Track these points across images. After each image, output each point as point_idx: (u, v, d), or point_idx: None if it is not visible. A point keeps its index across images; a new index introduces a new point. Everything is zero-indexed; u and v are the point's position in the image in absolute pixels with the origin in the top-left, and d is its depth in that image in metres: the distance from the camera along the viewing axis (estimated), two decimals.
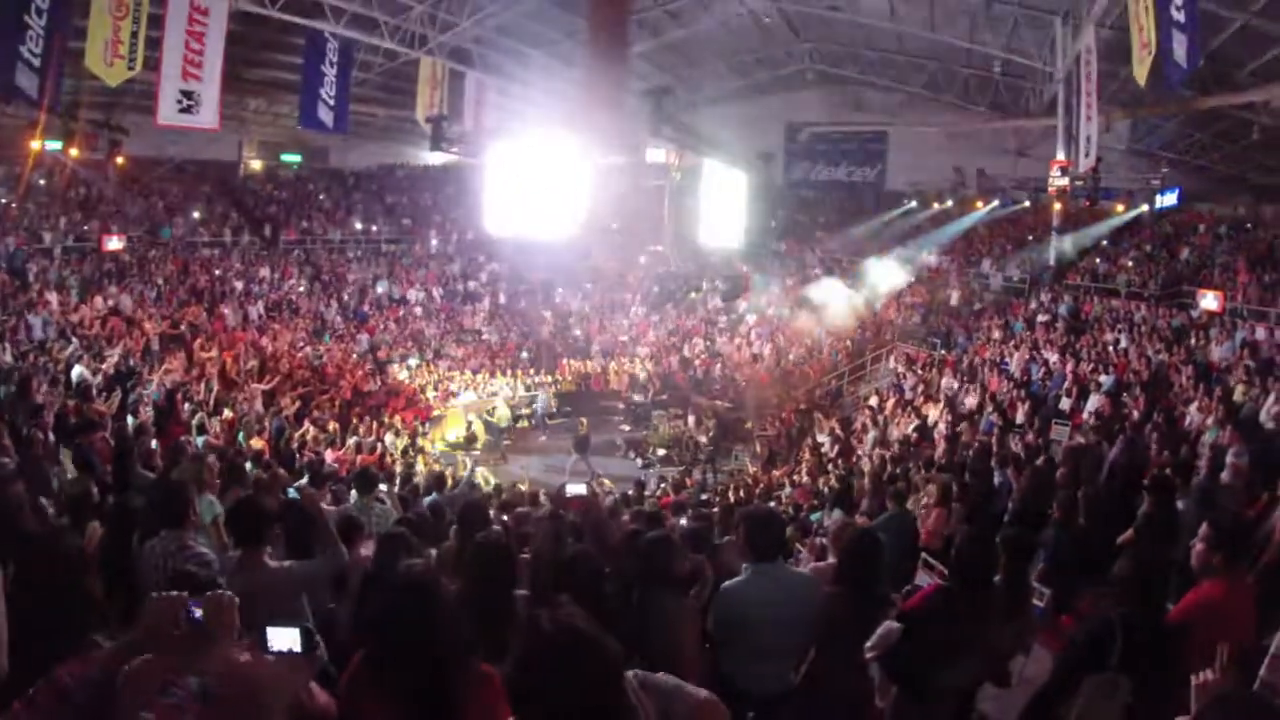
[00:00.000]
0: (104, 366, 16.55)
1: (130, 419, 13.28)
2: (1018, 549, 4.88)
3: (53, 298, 19.92)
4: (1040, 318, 22.38)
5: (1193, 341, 17.29)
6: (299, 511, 5.18)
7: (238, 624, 2.64)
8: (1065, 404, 16.13)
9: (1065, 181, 22.20)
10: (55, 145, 20.19)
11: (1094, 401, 15.16)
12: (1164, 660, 3.48)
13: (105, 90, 18.28)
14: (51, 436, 9.90)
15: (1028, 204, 28.58)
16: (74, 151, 20.41)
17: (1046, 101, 23.64)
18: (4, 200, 23.24)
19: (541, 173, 19.46)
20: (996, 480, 10.68)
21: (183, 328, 21.08)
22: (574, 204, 19.57)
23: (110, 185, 25.23)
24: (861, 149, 32.71)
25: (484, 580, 4.04)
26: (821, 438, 20.14)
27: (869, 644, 4.25)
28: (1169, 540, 6.46)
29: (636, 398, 25.71)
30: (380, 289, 29.65)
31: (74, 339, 17.84)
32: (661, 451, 22.48)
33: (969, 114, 28.11)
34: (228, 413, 16.86)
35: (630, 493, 14.55)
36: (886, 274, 28.07)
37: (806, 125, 32.71)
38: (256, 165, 31.68)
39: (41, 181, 24.19)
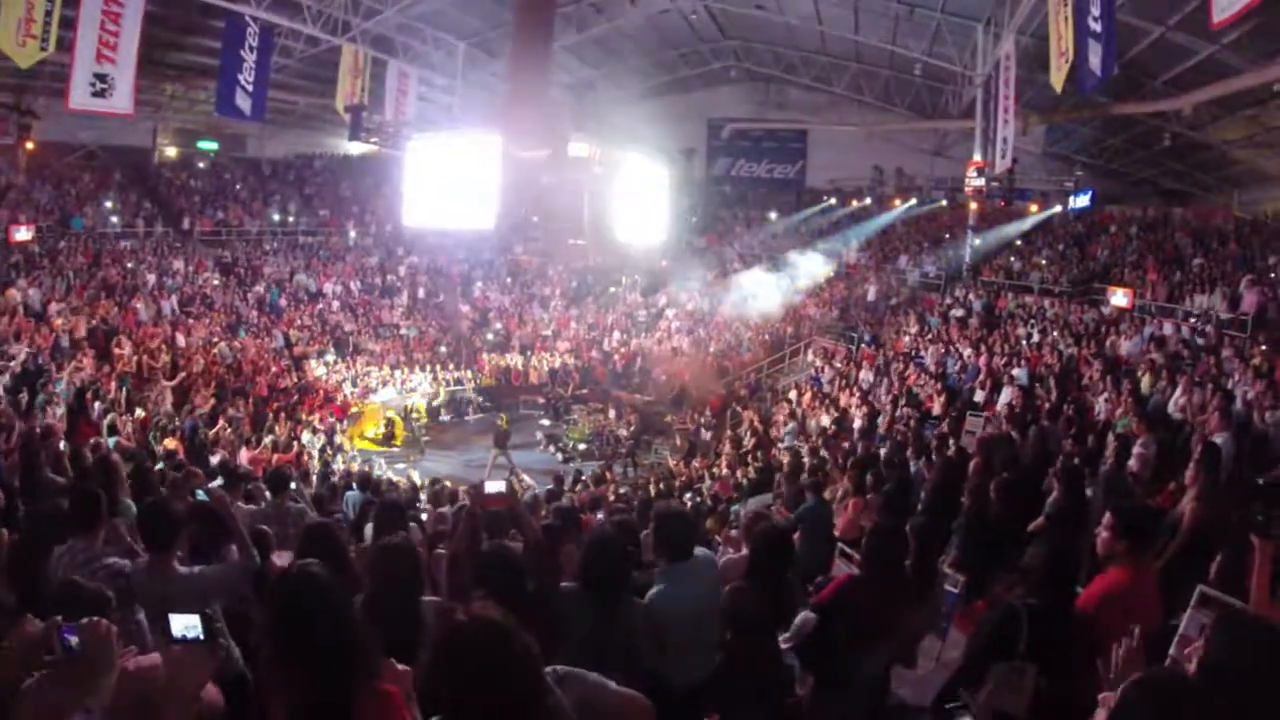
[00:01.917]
0: (11, 365, 15.91)
1: (40, 419, 12.80)
2: (926, 537, 5.01)
3: None
4: (955, 313, 22.93)
5: (1103, 336, 17.89)
6: (208, 514, 5.03)
7: (119, 651, 2.57)
8: (979, 396, 16.53)
9: (981, 182, 22.83)
10: None
11: (1007, 394, 15.56)
12: (1070, 646, 3.59)
13: (15, 72, 17.50)
14: None
15: (945, 203, 29.32)
16: None
17: (965, 104, 24.25)
18: None
19: (461, 165, 19.26)
20: (913, 470, 10.92)
21: (94, 322, 20.33)
22: (493, 197, 19.43)
23: (19, 172, 24.16)
24: (783, 146, 33.22)
25: (389, 582, 3.98)
26: (740, 430, 20.35)
27: (786, 635, 4.34)
28: (1078, 528, 6.69)
29: (558, 391, 25.67)
30: (298, 280, 29.04)
31: None
32: (582, 446, 22.50)
33: (889, 114, 28.75)
34: (140, 412, 16.38)
35: (550, 487, 14.53)
36: (805, 269, 28.47)
37: (729, 122, 33.08)
38: (171, 153, 30.73)
39: None
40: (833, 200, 32.16)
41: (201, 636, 2.54)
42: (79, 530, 4.58)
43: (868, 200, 31.24)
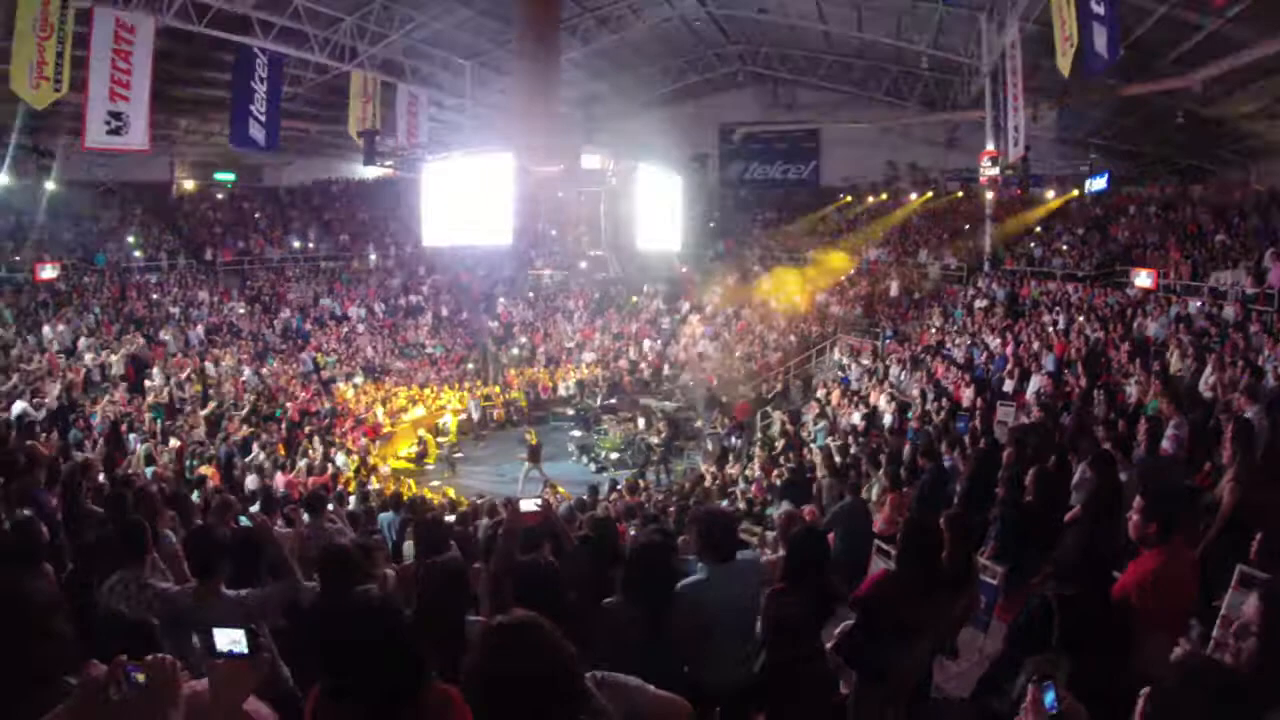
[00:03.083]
0: (46, 401, 16.17)
1: (76, 454, 12.99)
2: (960, 529, 5.00)
3: None
4: (979, 303, 22.80)
5: (1129, 318, 17.76)
6: (248, 540, 5.15)
7: (179, 685, 2.61)
8: (1008, 385, 16.43)
9: (995, 171, 22.73)
10: None
11: (1036, 381, 15.46)
12: (1106, 635, 3.58)
13: (32, 114, 17.79)
14: None
15: (960, 194, 29.16)
16: (2, 179, 19.78)
17: (974, 95, 24.21)
18: None
19: (477, 184, 19.38)
20: (947, 463, 10.86)
21: (123, 355, 20.62)
22: (510, 214, 19.53)
23: (41, 212, 24.54)
24: (795, 147, 33.25)
25: (437, 602, 4.04)
26: (771, 432, 20.31)
27: (830, 638, 4.35)
28: (1114, 514, 6.63)
29: (587, 402, 25.73)
30: (323, 305, 29.34)
31: (14, 375, 17.39)
32: (614, 455, 22.50)
33: (899, 109, 28.74)
34: (175, 441, 16.59)
35: (585, 498, 14.55)
36: (826, 268, 28.41)
37: (740, 126, 33.15)
38: (190, 185, 31.07)
39: None
40: (848, 198, 32.09)
41: (246, 651, 2.59)
42: (127, 561, 4.67)
43: (883, 196, 31.16)
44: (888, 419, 17.52)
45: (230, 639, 2.58)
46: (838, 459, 12.58)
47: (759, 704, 4.37)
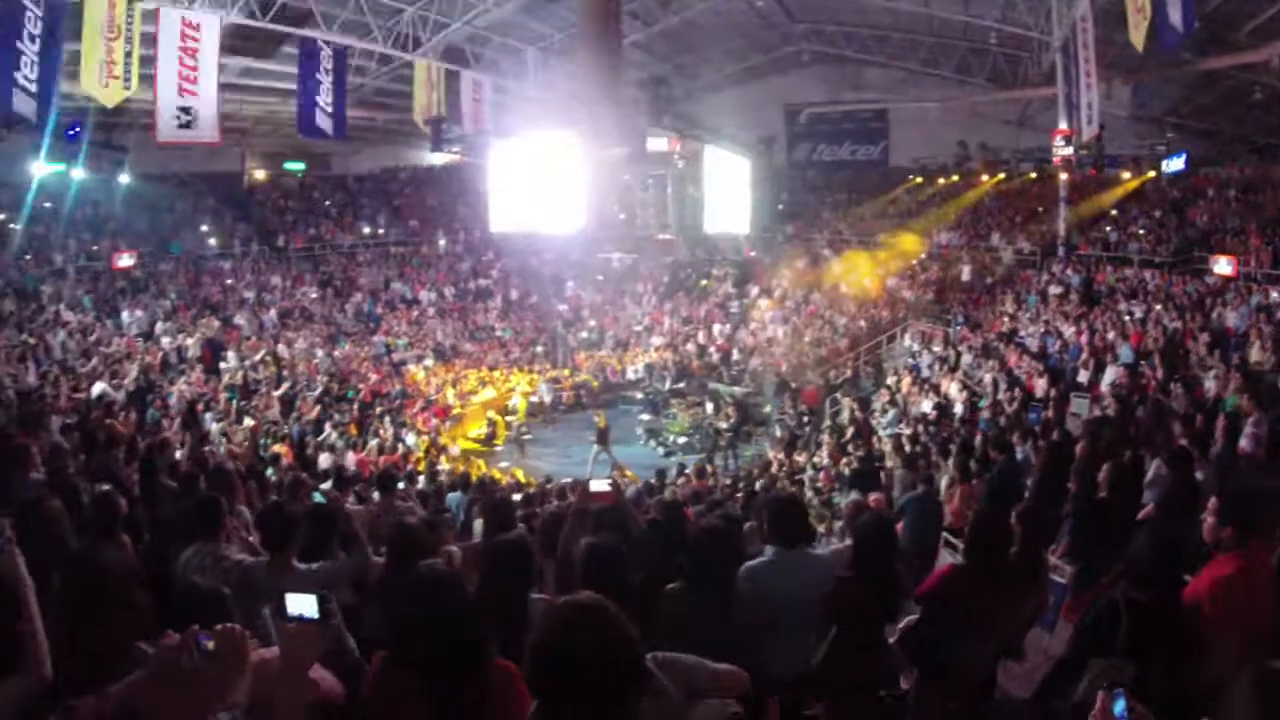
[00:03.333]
0: (125, 383, 16.71)
1: (155, 433, 13.44)
2: (1033, 524, 4.89)
3: (70, 317, 20.06)
4: (1053, 290, 22.28)
5: (1208, 308, 17.21)
6: (322, 516, 5.27)
7: (249, 654, 2.66)
8: (1083, 376, 16.05)
9: (1069, 151, 22.13)
10: (59, 167, 20.32)
11: (1111, 373, 15.09)
12: (1174, 642, 3.46)
13: (103, 111, 18.34)
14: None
15: (1034, 175, 28.40)
16: (78, 173, 20.54)
17: (1045, 70, 23.53)
18: (12, 225, 23.37)
19: (543, 169, 19.47)
20: (1019, 455, 10.64)
21: (199, 339, 21.22)
22: (578, 198, 19.59)
23: (116, 204, 25.35)
24: (863, 127, 32.72)
25: (501, 579, 4.08)
26: (840, 419, 20.14)
27: (894, 631, 4.28)
28: (1190, 514, 6.42)
29: (656, 386, 25.75)
30: (394, 289, 29.85)
31: (94, 357, 17.99)
32: (682, 439, 22.50)
33: (969, 87, 28.02)
34: (249, 421, 17.03)
35: (652, 481, 14.60)
36: (897, 251, 27.99)
37: (806, 106, 32.71)
38: (260, 175, 31.74)
39: (48, 204, 24.35)
40: (918, 179, 31.49)
41: (316, 616, 2.63)
42: (203, 535, 4.83)
43: (954, 177, 30.51)
44: (958, 408, 17.25)
45: (301, 604, 2.63)
46: (907, 448, 12.43)
47: (818, 694, 4.33)
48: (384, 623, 2.93)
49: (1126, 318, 18.26)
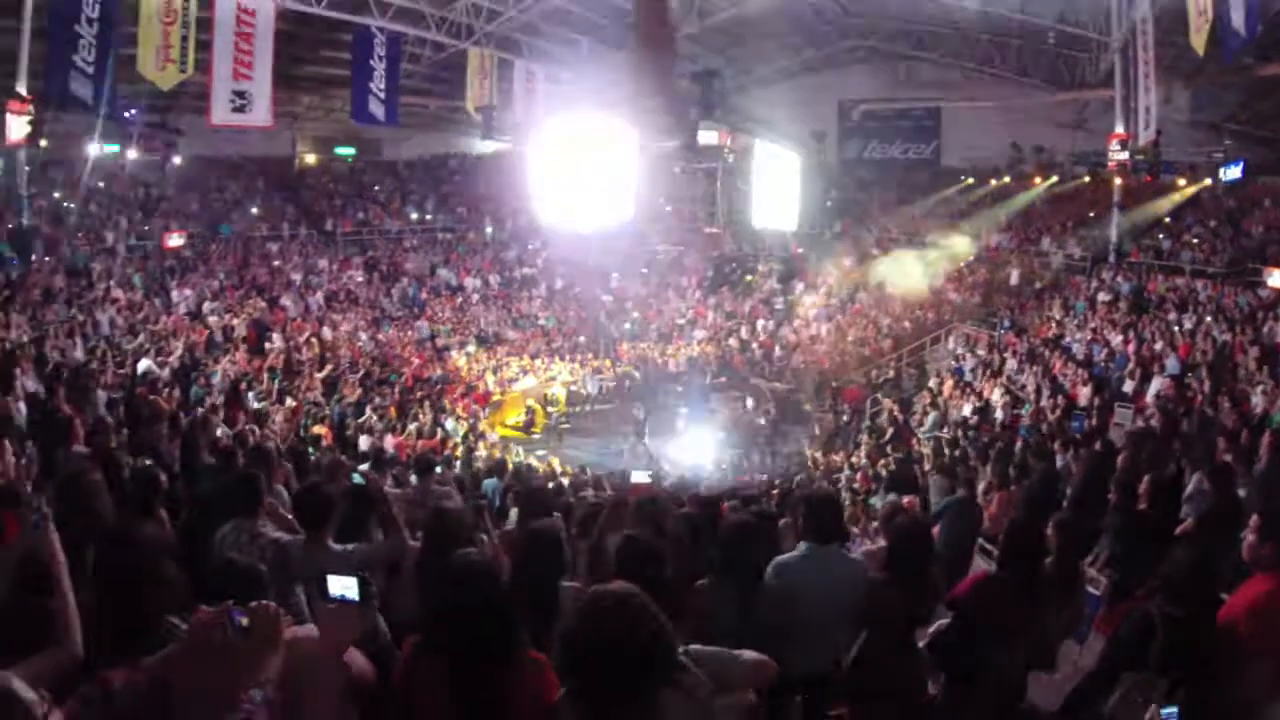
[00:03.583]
0: (170, 360, 17.01)
1: (198, 410, 13.63)
2: (1072, 534, 4.82)
3: (119, 294, 20.47)
4: (1102, 297, 21.92)
5: (1260, 321, 16.83)
6: (359, 497, 5.33)
7: (281, 633, 2.70)
8: (1128, 386, 15.79)
9: (1125, 155, 21.67)
10: (113, 148, 20.73)
11: (1157, 384, 14.83)
12: (1208, 662, 3.40)
13: (158, 93, 18.70)
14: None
15: (1087, 179, 27.84)
16: (132, 154, 20.97)
17: (1103, 73, 23.10)
18: (66, 204, 23.90)
19: (593, 159, 19.49)
20: (1060, 464, 10.51)
21: (245, 319, 21.55)
22: (626, 189, 19.60)
23: (168, 185, 25.80)
24: (915, 125, 32.32)
25: (534, 567, 4.11)
26: (880, 420, 19.99)
27: (925, 635, 4.24)
28: (1230, 531, 6.31)
29: (697, 379, 25.72)
30: (439, 275, 30.11)
31: (141, 334, 18.34)
32: (721, 434, 22.46)
33: (1024, 87, 27.56)
34: (291, 401, 17.25)
35: (688, 475, 14.60)
36: (946, 252, 27.68)
37: (859, 103, 32.37)
38: (311, 159, 32.14)
39: (101, 184, 24.84)
40: (970, 180, 30.99)
41: (357, 598, 2.67)
42: (242, 512, 4.88)
43: (1006, 178, 29.99)
44: (999, 413, 17.06)
45: (342, 585, 2.70)
46: (947, 453, 12.31)
47: (844, 696, 4.31)
48: (418, 608, 2.96)
49: (1176, 328, 17.92)
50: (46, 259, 20.60)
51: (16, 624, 2.95)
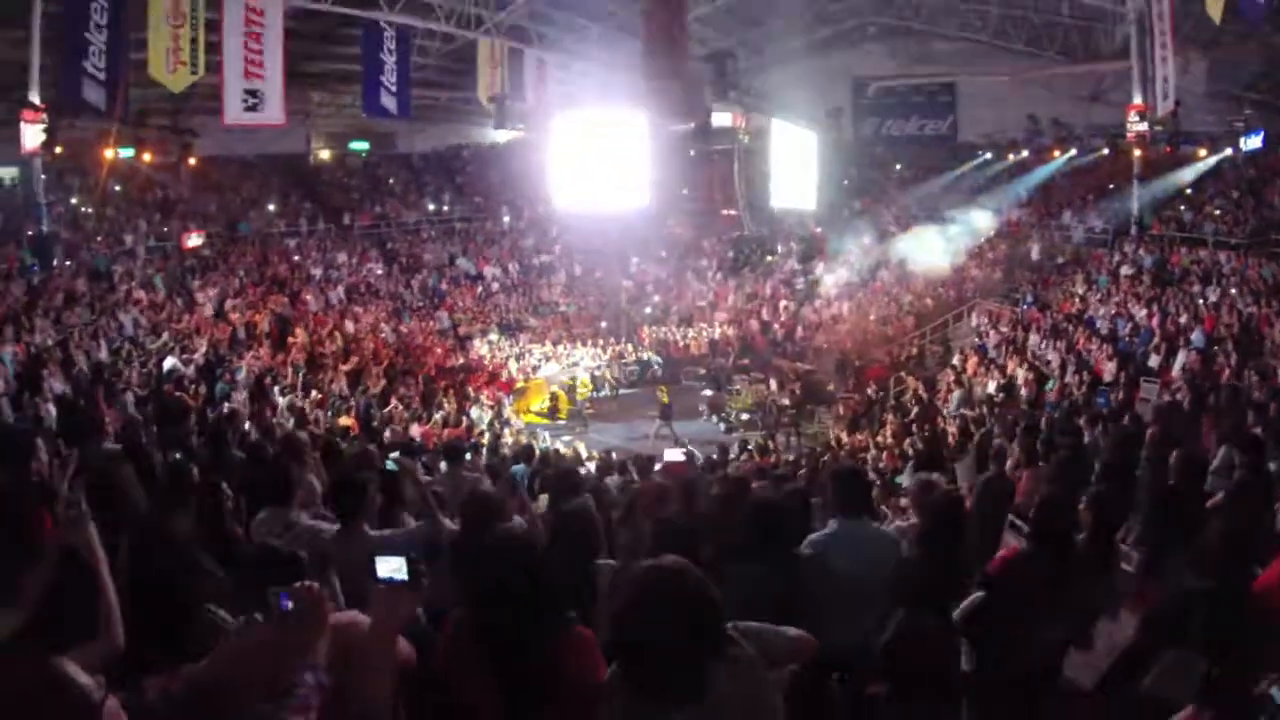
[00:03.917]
0: (194, 358, 17.16)
1: (225, 405, 13.80)
2: (1106, 508, 4.79)
3: (141, 295, 20.65)
4: (1125, 270, 21.73)
5: None
6: (390, 484, 5.37)
7: (328, 613, 2.70)
8: (1154, 361, 15.67)
9: (1144, 127, 21.47)
10: (128, 152, 20.91)
11: (1183, 358, 14.72)
12: (1245, 633, 3.39)
13: (171, 96, 18.81)
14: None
15: (1106, 151, 27.52)
16: (147, 156, 21.21)
17: (1119, 43, 22.80)
18: (84, 208, 24.10)
19: (606, 144, 19.44)
20: (1087, 440, 10.44)
21: (267, 314, 21.70)
22: (643, 174, 19.55)
23: (185, 186, 25.96)
24: (931, 101, 32.03)
25: (568, 547, 4.13)
26: (905, 399, 19.94)
27: (958, 611, 4.24)
28: (1261, 504, 6.27)
29: (719, 362, 25.69)
30: (458, 265, 30.23)
31: (164, 333, 18.50)
32: (745, 416, 22.44)
33: (1039, 60, 27.23)
34: (316, 394, 17.39)
35: (715, 457, 14.59)
36: (966, 228, 27.50)
37: (873, 80, 32.06)
38: (325, 155, 32.20)
39: (118, 187, 25.03)
40: (988, 155, 30.70)
41: (406, 579, 2.67)
42: (274, 501, 4.95)
43: (1024, 153, 29.69)
44: (1024, 390, 16.98)
45: (391, 567, 2.67)
46: (973, 429, 12.27)
47: (879, 674, 4.31)
48: (458, 587, 2.96)
49: (1200, 301, 17.76)
50: (68, 264, 20.76)
51: (60, 618, 3.00)
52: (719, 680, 2.37)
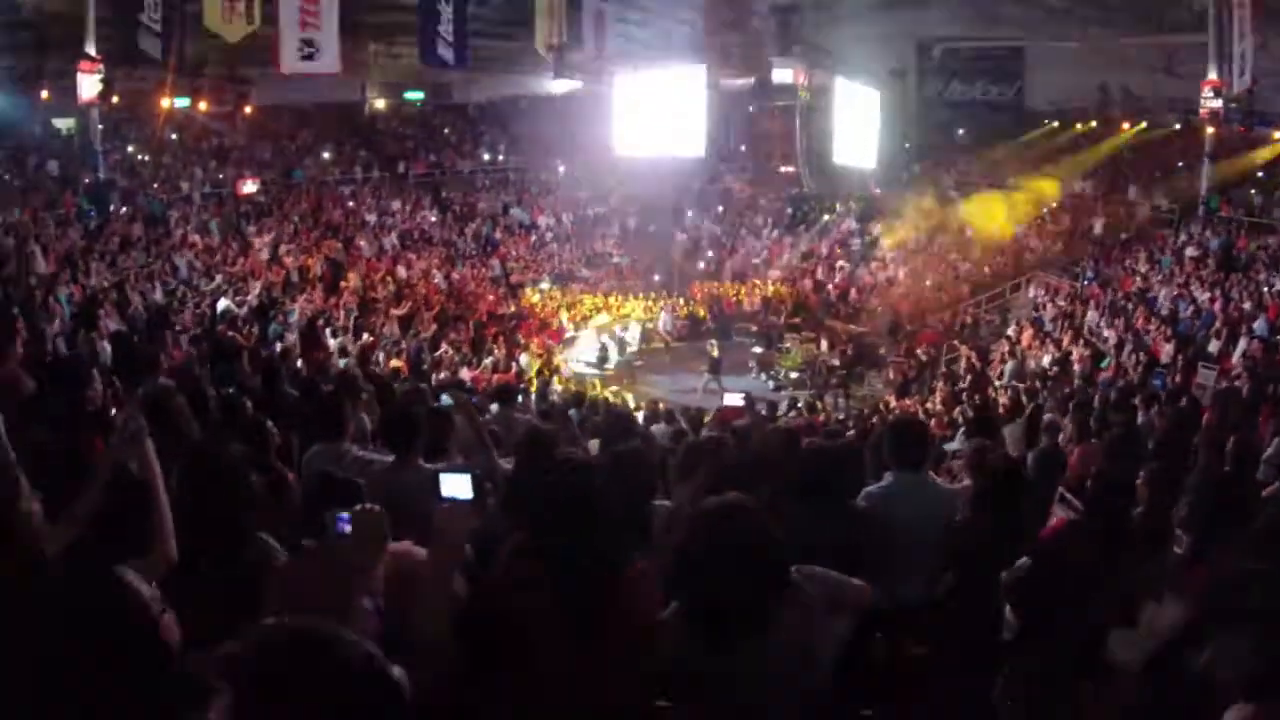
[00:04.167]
0: (248, 300, 17.44)
1: (278, 345, 14.04)
2: (1163, 488, 4.71)
3: (196, 239, 21.04)
4: (1190, 252, 21.19)
5: None
6: (442, 420, 5.39)
7: (388, 539, 2.73)
8: (1214, 346, 15.34)
9: (1218, 103, 20.77)
10: (184, 102, 21.18)
11: (1244, 345, 14.39)
12: None
13: (227, 46, 18.96)
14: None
15: (1178, 127, 26.66)
16: (203, 106, 21.44)
17: (1196, 14, 22.00)
18: (141, 156, 24.44)
19: (668, 97, 19.30)
20: (1140, 420, 10.29)
21: (321, 259, 21.95)
22: (702, 126, 19.40)
23: (240, 134, 26.21)
24: (999, 66, 31.19)
25: (623, 488, 4.11)
26: (956, 367, 19.75)
27: (1005, 576, 4.20)
28: None
29: (771, 319, 25.57)
30: (512, 214, 30.30)
31: (218, 275, 18.79)
32: (794, 374, 22.35)
33: (1112, 28, 26.36)
34: (367, 337, 17.62)
35: (763, 413, 14.57)
36: (1027, 198, 26.89)
37: (939, 41, 31.30)
38: (381, 105, 32.24)
39: (174, 136, 25.33)
40: (1055, 124, 29.92)
41: (470, 497, 2.68)
42: (327, 435, 5.04)
43: (1093, 124, 28.89)
44: (1078, 365, 16.73)
45: (456, 485, 2.69)
46: (1024, 401, 12.13)
47: (921, 634, 4.30)
48: (514, 517, 2.94)
49: (1265, 289, 17.29)
50: (124, 210, 21.14)
51: (114, 533, 3.08)
52: (781, 623, 2.37)
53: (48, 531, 2.84)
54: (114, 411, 5.59)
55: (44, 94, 20.10)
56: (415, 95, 32.06)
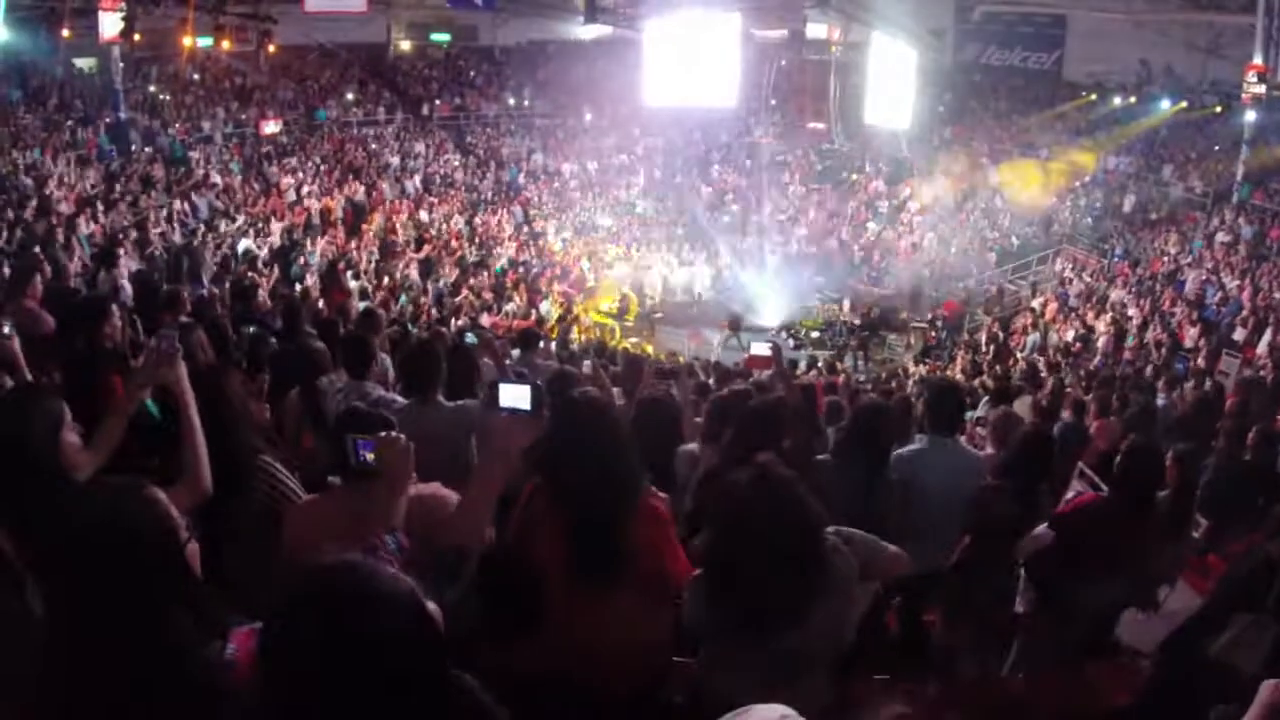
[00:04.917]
0: (270, 240, 17.43)
1: (298, 286, 14.09)
2: (1191, 469, 4.66)
3: (217, 179, 20.96)
4: (1221, 237, 20.88)
5: None
6: (464, 358, 5.43)
7: (412, 469, 2.68)
8: (1239, 334, 15.19)
9: (1261, 89, 20.36)
10: (206, 41, 21.07)
11: (1270, 335, 14.25)
12: None
13: None
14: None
15: (1218, 109, 26.11)
16: (225, 45, 21.26)
17: None
18: (162, 96, 24.30)
19: (700, 46, 19.03)
20: (1160, 402, 10.23)
21: (343, 200, 21.89)
22: (733, 77, 19.12)
23: (263, 74, 26.02)
24: (1039, 33, 30.50)
25: (646, 432, 4.09)
26: (978, 337, 19.63)
27: (1022, 544, 4.17)
28: None
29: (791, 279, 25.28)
30: (536, 160, 29.97)
31: (240, 215, 18.76)
32: (815, 334, 22.25)
33: (1159, 3, 25.76)
34: (388, 280, 17.62)
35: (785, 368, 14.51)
36: (1060, 170, 26.50)
37: (980, 3, 30.69)
38: (406, 46, 31.93)
39: (196, 76, 25.18)
40: (1093, 96, 29.33)
41: (529, 408, 2.64)
42: (351, 373, 5.07)
43: (1132, 99, 28.30)
44: (1101, 341, 16.62)
45: (514, 396, 2.64)
46: (1044, 374, 12.08)
47: (940, 602, 4.28)
48: (535, 455, 2.93)
49: None
50: (145, 150, 21.09)
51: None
52: (817, 588, 2.36)
53: (86, 459, 2.87)
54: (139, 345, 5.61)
55: (65, 33, 19.97)
56: (441, 37, 31.82)
